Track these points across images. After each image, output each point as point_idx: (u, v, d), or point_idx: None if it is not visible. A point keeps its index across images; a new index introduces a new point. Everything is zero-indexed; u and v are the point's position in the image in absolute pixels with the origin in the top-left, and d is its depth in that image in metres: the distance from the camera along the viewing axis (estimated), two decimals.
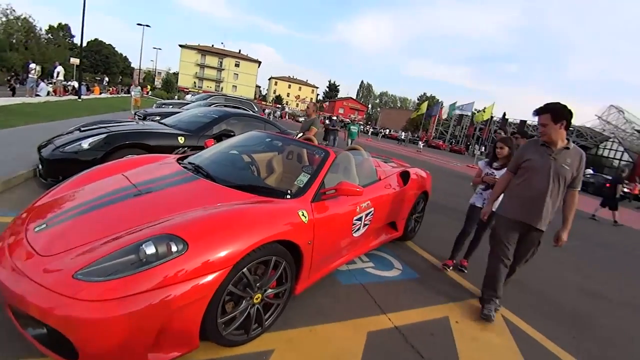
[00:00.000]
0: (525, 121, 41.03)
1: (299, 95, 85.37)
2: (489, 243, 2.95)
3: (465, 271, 3.64)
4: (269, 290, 1.94)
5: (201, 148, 3.33)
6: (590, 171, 22.07)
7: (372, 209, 2.99)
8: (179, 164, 2.69)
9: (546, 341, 2.66)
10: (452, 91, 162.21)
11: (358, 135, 16.90)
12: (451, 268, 3.64)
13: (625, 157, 36.84)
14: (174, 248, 1.54)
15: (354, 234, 2.76)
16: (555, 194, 2.62)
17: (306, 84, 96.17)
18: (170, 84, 63.95)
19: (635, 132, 36.84)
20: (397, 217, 3.72)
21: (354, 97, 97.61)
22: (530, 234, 2.73)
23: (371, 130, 52.11)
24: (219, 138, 4.46)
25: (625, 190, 18.52)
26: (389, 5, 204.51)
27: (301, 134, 5.16)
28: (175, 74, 77.49)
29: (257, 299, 1.87)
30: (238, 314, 1.82)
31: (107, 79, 43.64)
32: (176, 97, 37.49)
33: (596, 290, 4.03)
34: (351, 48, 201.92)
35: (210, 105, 10.43)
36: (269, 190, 2.40)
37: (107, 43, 70.61)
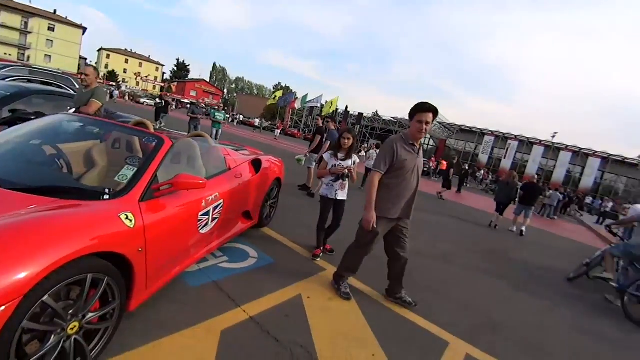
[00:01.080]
0: (362, 113, 47.88)
1: (139, 73, 72.82)
2: (360, 238, 2.98)
3: (334, 253, 3.86)
4: (90, 315, 1.58)
5: None
6: None
7: (222, 200, 2.84)
8: None
9: (383, 299, 3.16)
10: (304, 83, 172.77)
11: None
12: (320, 256, 3.74)
13: (432, 142, 48.21)
14: None
15: (200, 231, 2.55)
16: None
17: (149, 60, 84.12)
18: None
19: (438, 123, 47.93)
20: (251, 206, 3.68)
21: (207, 79, 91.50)
22: (401, 222, 2.97)
23: (230, 117, 50.34)
24: (12, 124, 3.36)
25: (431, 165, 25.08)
26: None
27: (72, 110, 3.88)
28: None
29: (72, 328, 1.49)
30: (47, 352, 1.41)
31: None
32: None
33: (419, 250, 4.99)
34: (203, 26, 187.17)
35: (4, 79, 7.67)
36: (77, 190, 1.91)
37: None
